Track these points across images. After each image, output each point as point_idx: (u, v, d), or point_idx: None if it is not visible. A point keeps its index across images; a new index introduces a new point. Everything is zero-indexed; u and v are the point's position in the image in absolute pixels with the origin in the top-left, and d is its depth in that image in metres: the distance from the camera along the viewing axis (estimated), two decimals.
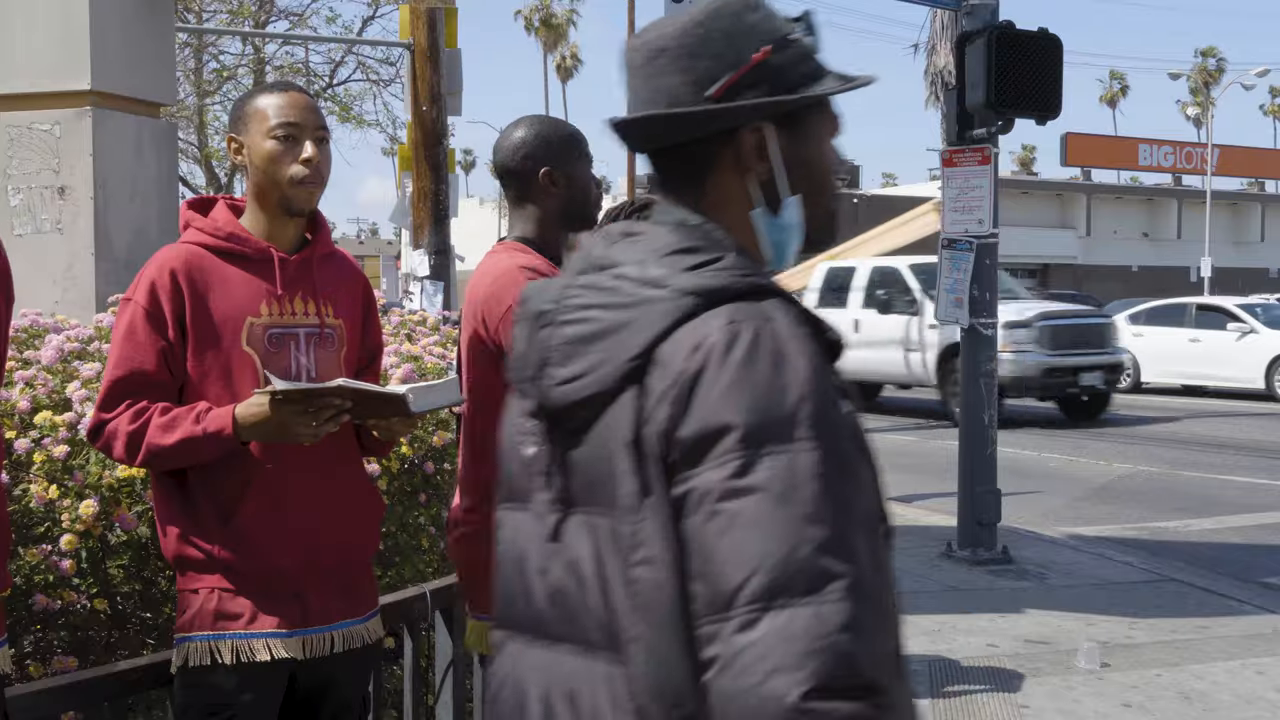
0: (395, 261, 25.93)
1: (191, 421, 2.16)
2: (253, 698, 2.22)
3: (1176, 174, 55.82)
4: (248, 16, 21.27)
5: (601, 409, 1.21)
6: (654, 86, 1.30)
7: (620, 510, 1.19)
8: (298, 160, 2.28)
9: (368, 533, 2.44)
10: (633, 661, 1.17)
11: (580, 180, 2.63)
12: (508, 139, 2.62)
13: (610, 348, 1.21)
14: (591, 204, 2.68)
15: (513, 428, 1.36)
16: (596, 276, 1.27)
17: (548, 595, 1.27)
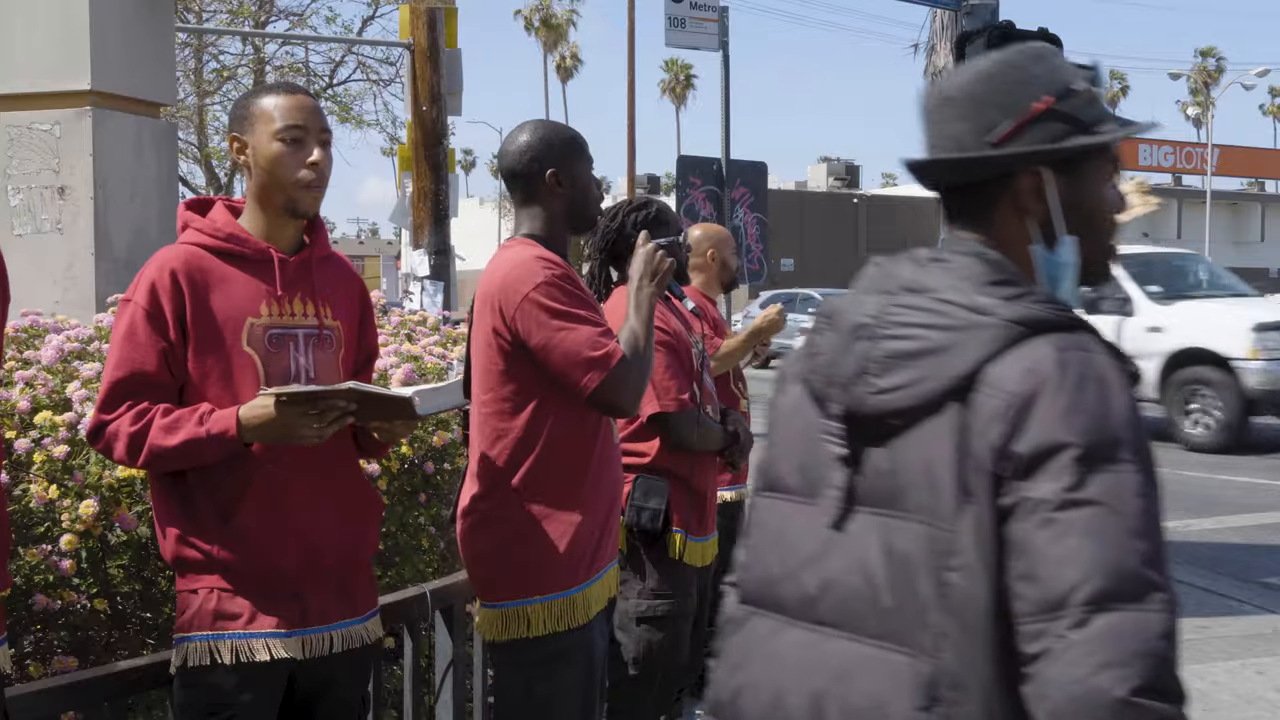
0: (395, 261, 25.94)
1: (195, 423, 2.16)
2: (252, 698, 2.22)
3: (1176, 174, 55.82)
4: (248, 16, 21.27)
5: (916, 420, 1.32)
6: (943, 132, 1.44)
7: (935, 516, 1.29)
8: (305, 164, 2.28)
9: (367, 533, 2.44)
10: (937, 656, 1.27)
11: (582, 181, 2.71)
12: (513, 143, 2.70)
13: (934, 365, 1.31)
14: (593, 204, 2.76)
15: (801, 425, 1.46)
16: (917, 298, 1.36)
17: (820, 583, 1.38)
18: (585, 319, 2.52)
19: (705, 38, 10.85)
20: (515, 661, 2.61)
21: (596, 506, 2.63)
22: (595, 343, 2.49)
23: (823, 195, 50.95)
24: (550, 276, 2.53)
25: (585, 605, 2.60)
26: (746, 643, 1.46)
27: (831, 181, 54.30)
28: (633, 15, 32.83)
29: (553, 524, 2.56)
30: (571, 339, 2.49)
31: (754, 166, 11.07)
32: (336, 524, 2.33)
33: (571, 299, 2.54)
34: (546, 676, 2.57)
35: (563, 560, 2.57)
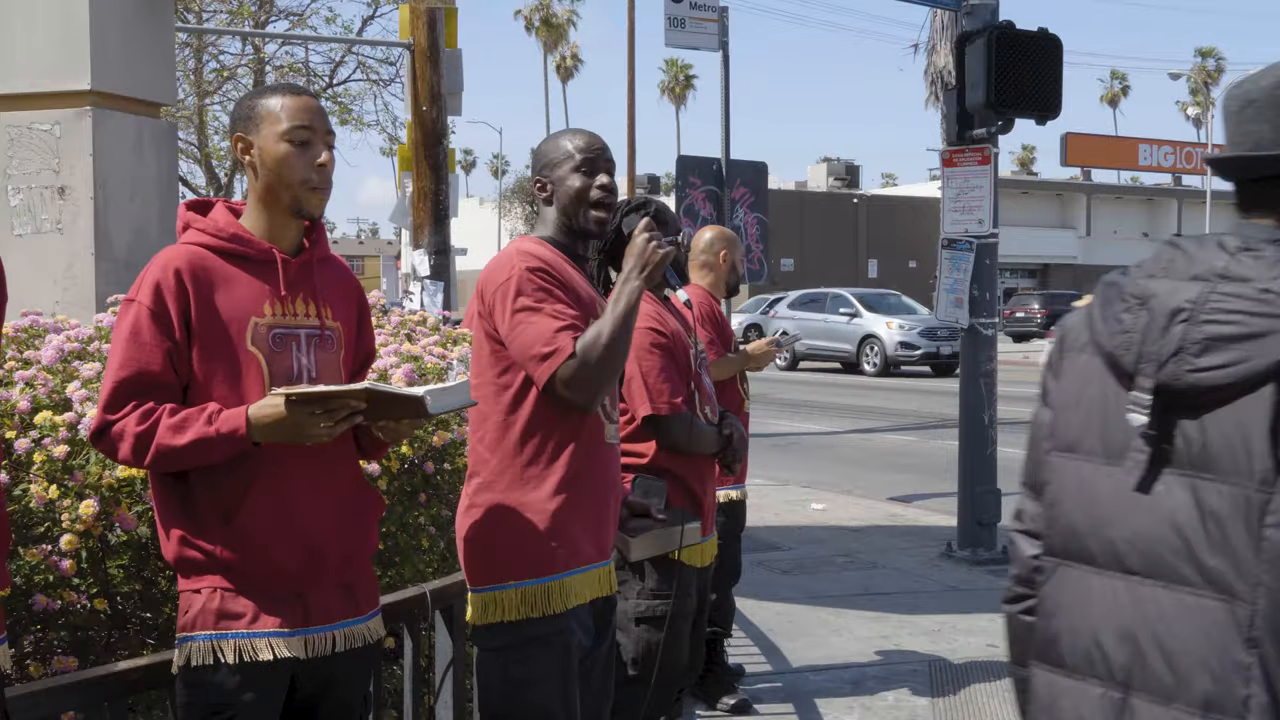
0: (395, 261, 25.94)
1: (204, 422, 2.16)
2: (254, 697, 2.22)
3: (1176, 174, 55.82)
4: (248, 16, 21.26)
5: (1232, 396, 1.46)
6: (1243, 130, 1.59)
7: (1251, 480, 1.44)
8: (313, 165, 2.29)
9: (368, 532, 2.44)
10: (1256, 603, 1.43)
11: (565, 186, 2.74)
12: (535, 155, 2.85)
13: (1256, 348, 1.45)
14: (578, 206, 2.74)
15: (1099, 393, 1.61)
16: (1238, 287, 1.49)
17: (1129, 536, 1.54)
18: (547, 312, 2.55)
19: (705, 38, 10.84)
20: (491, 646, 2.64)
21: (580, 500, 2.64)
22: (549, 337, 2.53)
23: (823, 195, 50.94)
24: (524, 269, 2.59)
25: (562, 594, 2.61)
26: (1058, 591, 1.63)
27: (831, 181, 54.30)
28: (633, 15, 32.81)
29: (528, 509, 2.60)
30: (529, 332, 2.55)
31: (754, 166, 11.06)
32: (338, 523, 2.33)
33: (540, 291, 2.57)
34: (520, 661, 2.60)
35: (535, 546, 2.59)
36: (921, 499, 9.81)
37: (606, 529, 2.76)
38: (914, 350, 24.25)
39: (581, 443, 2.65)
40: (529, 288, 2.58)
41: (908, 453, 13.01)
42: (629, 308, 2.58)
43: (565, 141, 2.78)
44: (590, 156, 2.73)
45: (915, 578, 7.02)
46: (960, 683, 5.11)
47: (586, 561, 2.68)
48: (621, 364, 2.63)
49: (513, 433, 2.62)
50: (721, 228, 5.02)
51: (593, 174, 2.73)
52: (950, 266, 7.53)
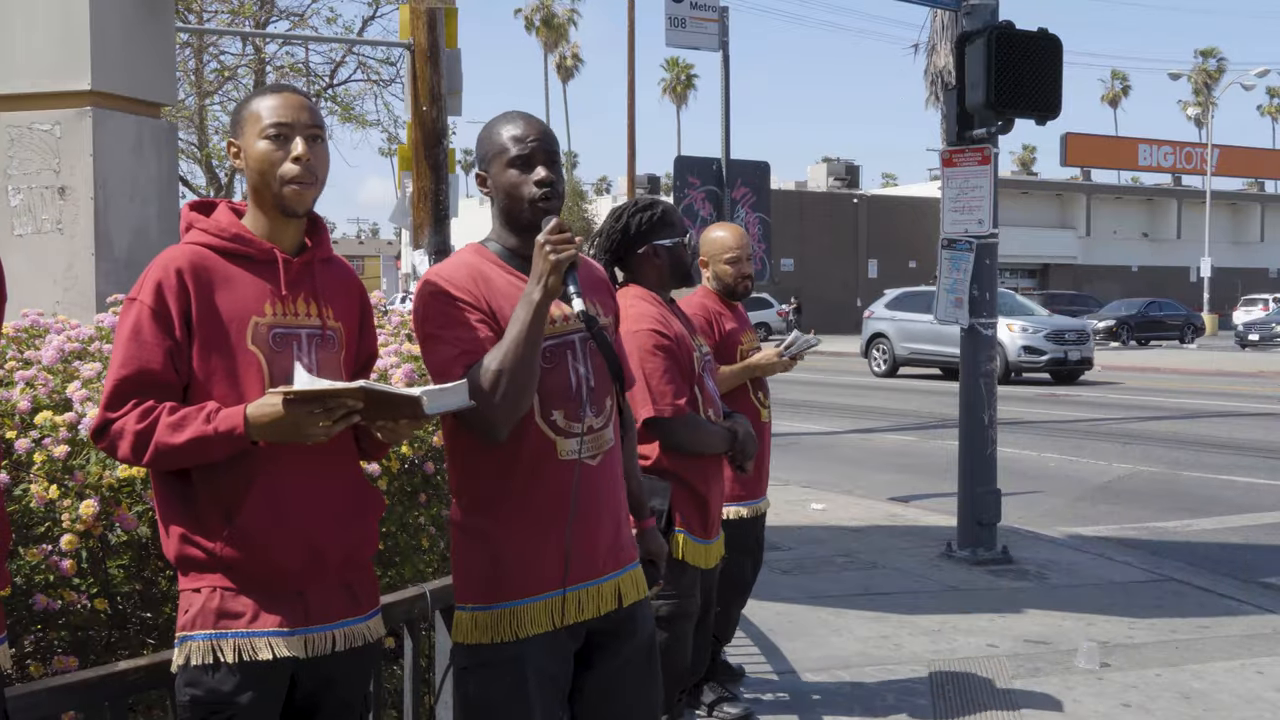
0: (395, 261, 25.95)
1: (202, 421, 2.16)
2: (254, 696, 2.22)
3: (1176, 174, 55.85)
4: (248, 16, 21.26)
5: None
6: None
7: None
8: (289, 158, 2.29)
9: (368, 532, 2.44)
10: None
11: (502, 180, 2.53)
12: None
13: None
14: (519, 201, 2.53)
15: None
16: None
17: None
18: (446, 339, 2.43)
19: (705, 38, 10.84)
20: (455, 665, 2.61)
21: (533, 523, 2.49)
22: (441, 368, 2.43)
23: (823, 195, 50.94)
24: (426, 294, 2.48)
25: (512, 623, 2.47)
26: None
27: (831, 181, 54.30)
28: (633, 15, 32.83)
29: (478, 534, 2.52)
30: (429, 361, 2.47)
31: (756, 166, 11.05)
32: (338, 522, 2.33)
33: (440, 317, 2.45)
34: (476, 683, 2.54)
35: (482, 571, 2.51)
36: (921, 499, 9.81)
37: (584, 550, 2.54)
38: (1039, 356, 21.72)
39: (525, 465, 2.48)
40: (432, 314, 2.46)
41: (908, 453, 13.01)
42: (524, 326, 2.36)
43: (500, 132, 2.54)
44: (525, 151, 2.50)
45: (915, 578, 7.02)
46: (960, 683, 5.11)
47: (549, 588, 2.50)
48: (527, 383, 2.39)
49: (459, 456, 2.55)
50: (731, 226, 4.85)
51: (529, 168, 2.51)
52: (950, 266, 7.53)
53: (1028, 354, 21.79)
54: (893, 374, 23.50)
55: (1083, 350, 22.29)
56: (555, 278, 2.36)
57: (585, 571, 2.54)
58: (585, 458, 2.53)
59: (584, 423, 2.53)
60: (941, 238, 7.65)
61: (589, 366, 2.56)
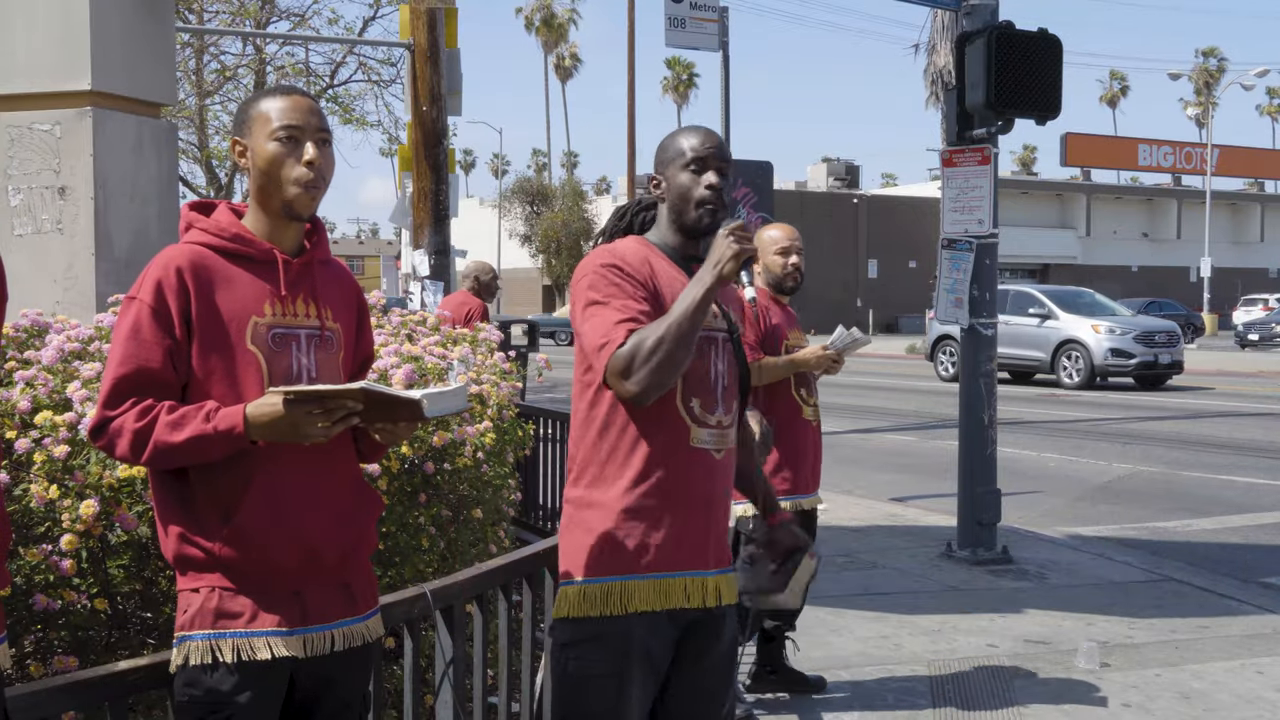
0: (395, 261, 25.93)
1: (201, 420, 2.16)
2: (252, 696, 2.22)
3: (1176, 174, 55.84)
4: (249, 17, 21.26)
5: None
6: None
7: None
8: (300, 162, 2.30)
9: (367, 531, 2.44)
10: None
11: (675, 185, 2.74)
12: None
13: None
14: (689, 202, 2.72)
15: None
16: None
17: None
18: (614, 306, 2.55)
19: (705, 38, 10.84)
20: (557, 640, 2.65)
21: (655, 503, 2.58)
22: (605, 330, 2.52)
23: (823, 195, 50.95)
24: (598, 264, 2.61)
25: (622, 597, 2.57)
26: None
27: (831, 181, 54.31)
28: (633, 15, 32.83)
29: (599, 507, 2.59)
30: (589, 326, 2.56)
31: (759, 166, 11.05)
32: (337, 523, 2.33)
33: (609, 286, 2.58)
34: (577, 658, 2.59)
35: (599, 544, 2.58)
36: (921, 499, 9.81)
37: (696, 539, 2.65)
38: (1128, 359, 20.30)
39: (659, 445, 2.58)
40: (600, 283, 2.58)
41: (908, 453, 13.01)
42: (694, 302, 2.50)
43: (681, 140, 2.76)
44: (701, 155, 2.70)
45: (915, 578, 7.02)
46: (960, 683, 5.11)
47: (661, 569, 2.59)
48: (683, 360, 2.52)
49: (592, 430, 2.63)
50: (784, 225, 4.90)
51: (701, 172, 2.70)
52: (950, 266, 7.53)
53: (1115, 357, 20.31)
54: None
55: (1173, 353, 20.84)
56: (734, 264, 2.51)
57: (696, 560, 2.65)
58: (711, 450, 2.65)
59: (715, 416, 2.66)
60: (941, 238, 7.65)
61: (725, 365, 2.71)
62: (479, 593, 3.25)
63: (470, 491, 4.00)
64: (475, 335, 5.08)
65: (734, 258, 2.51)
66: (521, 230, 53.34)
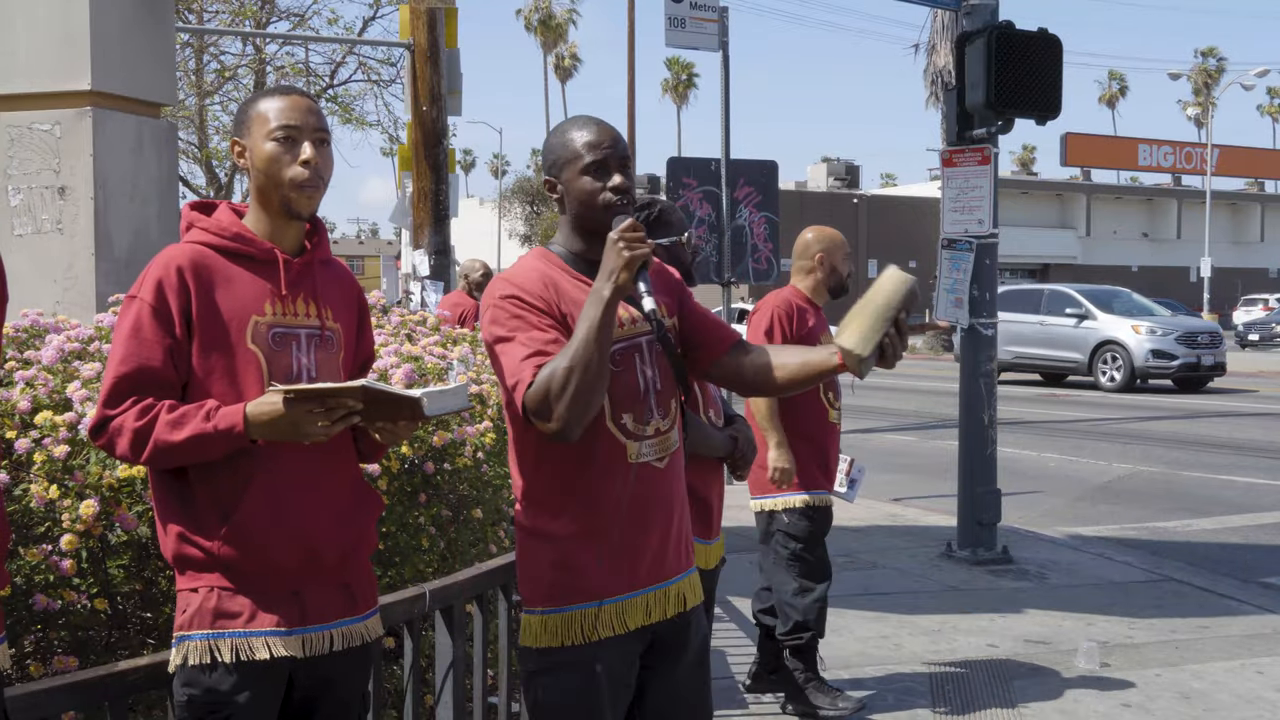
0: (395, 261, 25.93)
1: (201, 419, 2.16)
2: (251, 696, 2.22)
3: (1176, 174, 55.84)
4: (249, 17, 21.26)
5: None
6: None
7: None
8: (297, 161, 2.30)
9: (366, 531, 2.44)
10: None
11: (576, 186, 2.50)
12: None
13: None
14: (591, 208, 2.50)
15: None
16: None
17: None
18: (519, 340, 2.39)
19: (705, 38, 10.82)
20: (525, 669, 2.58)
21: (603, 527, 2.47)
22: (514, 367, 2.37)
23: (823, 195, 50.94)
24: (498, 297, 2.45)
25: (584, 626, 2.47)
26: None
27: (831, 181, 54.31)
28: (633, 15, 32.81)
29: (546, 537, 2.49)
30: (503, 361, 2.41)
31: (763, 165, 11.02)
32: (336, 522, 2.33)
33: (514, 320, 2.42)
34: (545, 687, 2.52)
35: (555, 575, 2.49)
36: (921, 499, 9.81)
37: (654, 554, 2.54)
38: (1170, 361, 19.74)
39: (598, 469, 2.46)
40: (502, 316, 2.43)
41: (908, 452, 13.01)
42: (593, 324, 2.31)
43: (573, 137, 2.51)
44: (600, 156, 2.47)
45: (915, 577, 7.02)
46: (960, 683, 5.11)
47: (620, 591, 2.49)
48: (599, 385, 2.34)
49: (528, 459, 2.51)
50: (823, 228, 4.92)
51: (604, 175, 2.48)
52: (950, 266, 7.53)
53: (1157, 359, 19.74)
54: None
55: (1215, 354, 20.20)
56: (627, 274, 2.32)
57: (654, 575, 2.54)
58: (653, 460, 2.52)
59: (651, 425, 2.51)
60: (941, 238, 7.65)
61: (655, 369, 2.55)
62: (479, 593, 3.25)
63: (470, 491, 3.99)
64: (475, 335, 5.08)
65: (626, 267, 2.32)
66: (521, 230, 53.33)
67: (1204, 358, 19.91)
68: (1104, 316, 20.54)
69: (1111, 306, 21.03)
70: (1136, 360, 19.76)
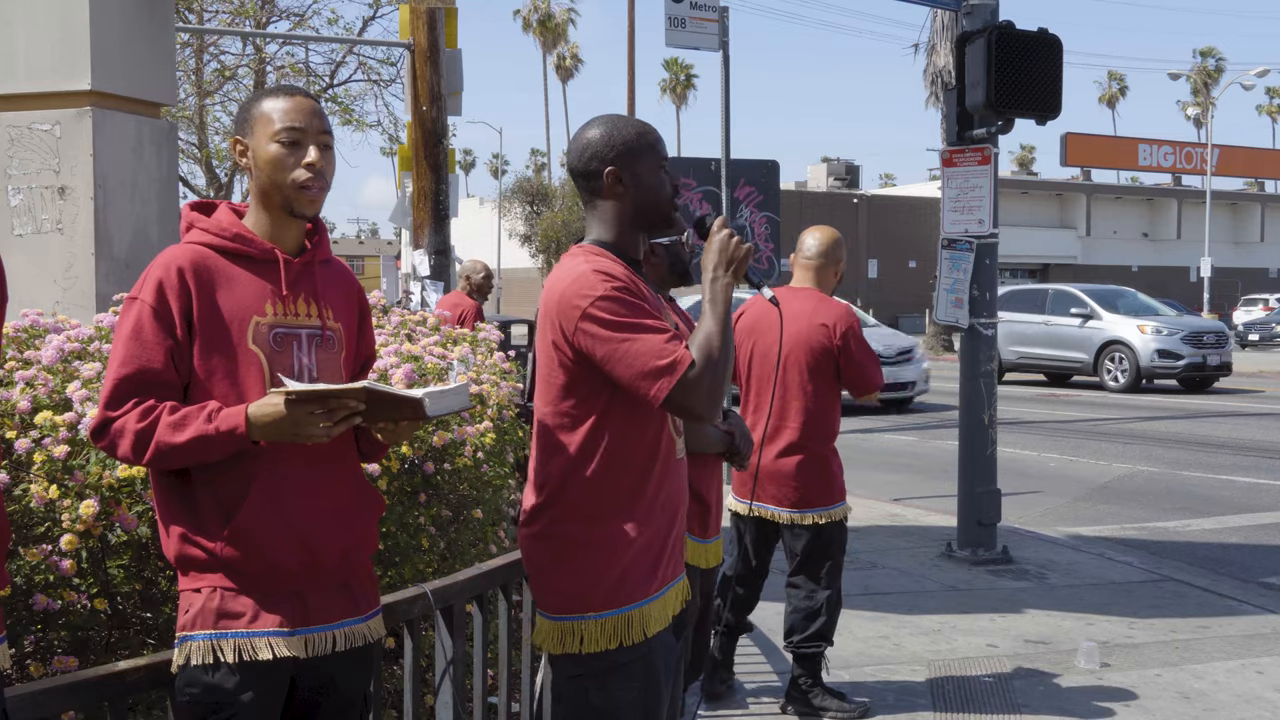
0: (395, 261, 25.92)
1: (203, 420, 2.16)
2: (254, 696, 2.22)
3: (1176, 174, 55.82)
4: (249, 17, 21.26)
5: None
6: None
7: None
8: (301, 164, 2.30)
9: (368, 532, 2.44)
10: None
11: (646, 180, 2.54)
12: (578, 140, 2.58)
13: None
14: (662, 204, 2.56)
15: None
16: None
17: None
18: (647, 327, 2.39)
19: (705, 38, 10.82)
20: (572, 673, 2.54)
21: (655, 524, 2.53)
22: (661, 351, 2.36)
23: (823, 195, 50.94)
24: (607, 290, 2.41)
25: (642, 623, 2.50)
26: None
27: (831, 181, 54.31)
28: (632, 15, 32.84)
29: (607, 541, 2.48)
30: (635, 350, 2.37)
31: (763, 165, 11.01)
32: (337, 523, 2.33)
33: (631, 309, 2.41)
34: (601, 689, 2.50)
35: (616, 578, 2.49)
36: (921, 499, 9.81)
37: (677, 547, 2.64)
38: (1176, 361, 19.58)
39: (658, 466, 2.53)
40: (619, 309, 2.40)
41: (908, 452, 13.00)
42: (727, 307, 2.43)
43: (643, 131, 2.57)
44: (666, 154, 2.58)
45: (915, 577, 7.02)
46: (960, 683, 5.11)
47: (663, 584, 2.58)
48: (730, 366, 2.42)
49: (590, 462, 2.48)
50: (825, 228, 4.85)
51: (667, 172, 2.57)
52: (950, 266, 7.53)
53: (1162, 359, 19.57)
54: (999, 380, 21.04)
55: (1221, 354, 20.10)
56: (743, 265, 2.46)
57: (679, 565, 2.67)
58: (683, 457, 2.65)
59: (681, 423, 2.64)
60: (942, 238, 7.65)
61: None
62: (479, 593, 3.25)
63: (470, 491, 3.99)
64: (475, 335, 5.08)
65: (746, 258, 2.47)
66: (521, 230, 53.33)
67: (1209, 358, 19.79)
68: (1109, 316, 20.43)
69: (1116, 306, 20.96)
70: (1142, 360, 19.67)
